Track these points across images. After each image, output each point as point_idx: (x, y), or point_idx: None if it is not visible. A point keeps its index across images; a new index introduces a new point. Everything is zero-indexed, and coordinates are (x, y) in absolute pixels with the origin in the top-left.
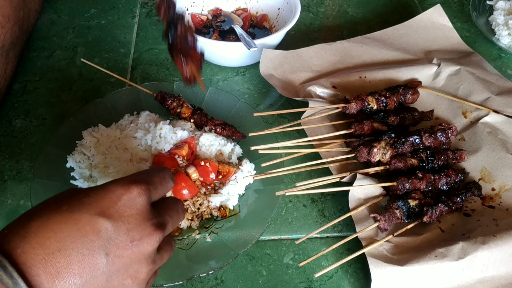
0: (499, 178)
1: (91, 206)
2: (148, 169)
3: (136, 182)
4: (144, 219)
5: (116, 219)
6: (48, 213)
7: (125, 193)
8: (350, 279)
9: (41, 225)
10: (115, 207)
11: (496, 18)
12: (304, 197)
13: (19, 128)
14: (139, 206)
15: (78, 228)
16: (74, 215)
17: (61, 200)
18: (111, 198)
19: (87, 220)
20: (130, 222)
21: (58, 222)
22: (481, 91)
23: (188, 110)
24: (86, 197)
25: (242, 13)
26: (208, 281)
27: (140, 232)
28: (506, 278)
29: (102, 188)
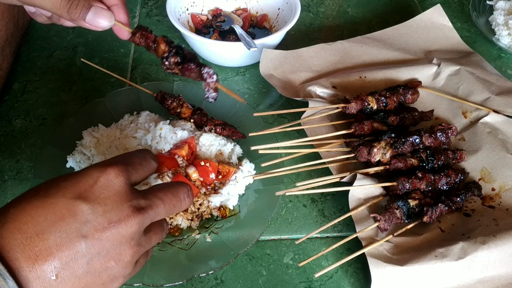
0: (499, 178)
1: (67, 189)
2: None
3: (113, 163)
4: (122, 200)
5: (93, 201)
6: (26, 199)
7: (101, 175)
8: (350, 279)
9: (19, 211)
10: (91, 189)
11: (496, 18)
12: (304, 197)
13: (19, 128)
14: (116, 187)
15: (55, 212)
16: (50, 199)
17: (39, 186)
18: (88, 181)
19: (63, 204)
20: (107, 204)
21: (35, 206)
22: (481, 91)
23: (188, 110)
24: (63, 181)
25: (242, 13)
26: (208, 281)
27: (118, 213)
28: (506, 278)
29: (79, 172)
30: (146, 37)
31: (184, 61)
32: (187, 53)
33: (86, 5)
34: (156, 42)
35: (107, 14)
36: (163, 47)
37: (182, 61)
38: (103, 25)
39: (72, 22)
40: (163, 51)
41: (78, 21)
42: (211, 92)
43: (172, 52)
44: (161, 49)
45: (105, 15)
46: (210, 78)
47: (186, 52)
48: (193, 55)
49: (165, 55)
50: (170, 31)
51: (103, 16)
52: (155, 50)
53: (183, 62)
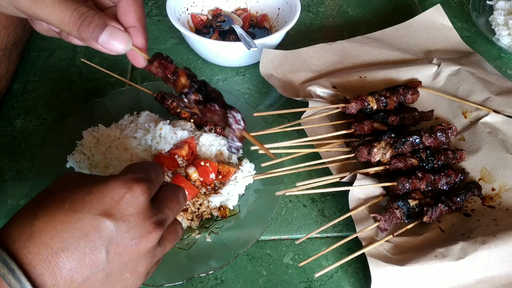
0: (499, 178)
1: (93, 205)
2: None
3: (139, 181)
4: (144, 218)
5: (118, 218)
6: (51, 211)
7: (128, 192)
8: (350, 279)
9: (45, 225)
10: (117, 206)
11: (496, 18)
12: (304, 197)
13: (19, 128)
14: (140, 205)
15: (80, 228)
16: (76, 214)
17: (63, 197)
18: (113, 197)
19: (89, 220)
20: (131, 221)
21: (61, 221)
22: (481, 91)
23: None
24: (88, 194)
25: (242, 13)
26: (208, 281)
27: (140, 230)
28: (506, 278)
29: (104, 185)
30: (165, 67)
31: (206, 100)
32: (211, 90)
33: (100, 24)
34: (176, 74)
35: (124, 36)
36: (184, 81)
37: (204, 100)
38: (118, 49)
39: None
40: (183, 86)
41: (89, 42)
42: (235, 141)
43: (194, 88)
44: (181, 83)
45: (121, 37)
46: (236, 124)
47: (210, 90)
48: (218, 93)
49: (185, 91)
50: (170, 31)
51: (119, 38)
52: (174, 83)
53: (205, 101)
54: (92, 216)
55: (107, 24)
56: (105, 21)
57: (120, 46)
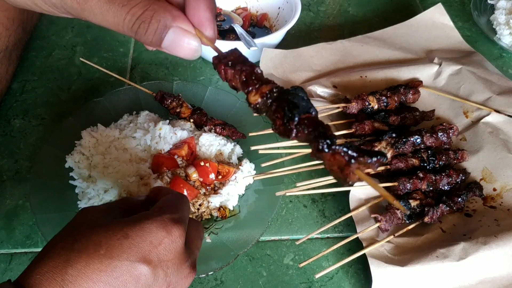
0: (500, 178)
1: (131, 251)
2: (176, 200)
3: (177, 222)
4: (181, 262)
5: (156, 265)
6: (85, 257)
7: (166, 236)
8: (350, 280)
9: (79, 273)
10: (155, 251)
11: (497, 18)
12: (305, 198)
13: (18, 128)
14: (178, 249)
15: (117, 277)
16: (113, 261)
17: (98, 241)
18: (152, 242)
19: (127, 268)
20: (169, 267)
21: (97, 270)
22: (482, 90)
23: (188, 110)
24: (125, 238)
25: (242, 12)
26: (208, 282)
27: (177, 276)
28: (508, 279)
29: (141, 228)
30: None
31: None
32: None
33: (161, 27)
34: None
35: (191, 38)
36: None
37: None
38: (185, 54)
39: (149, 46)
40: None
41: (153, 46)
42: None
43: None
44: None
45: (186, 40)
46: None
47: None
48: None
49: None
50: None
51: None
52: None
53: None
54: (130, 263)
55: (169, 26)
56: (167, 21)
57: (185, 51)
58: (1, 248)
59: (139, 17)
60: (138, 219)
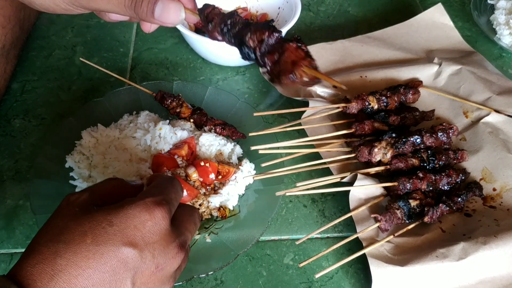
0: (500, 178)
1: (115, 236)
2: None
3: (159, 204)
4: (167, 243)
5: (142, 248)
6: (72, 247)
7: (149, 218)
8: (350, 280)
9: (68, 262)
10: (140, 234)
11: (497, 17)
12: (305, 197)
13: (18, 128)
14: (163, 230)
15: (105, 262)
16: (100, 248)
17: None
18: (136, 226)
19: (114, 253)
20: (155, 249)
21: (85, 257)
22: (482, 90)
23: (188, 110)
24: (110, 225)
25: (242, 12)
26: (208, 282)
27: (164, 256)
28: (508, 279)
29: (124, 213)
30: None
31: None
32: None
33: (152, 1)
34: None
35: (175, 6)
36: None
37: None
38: (172, 21)
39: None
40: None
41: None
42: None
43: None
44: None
45: (172, 10)
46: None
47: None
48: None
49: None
50: (170, 30)
51: (170, 11)
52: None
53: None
54: (116, 248)
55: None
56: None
57: (172, 18)
58: (2, 248)
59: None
60: (121, 206)
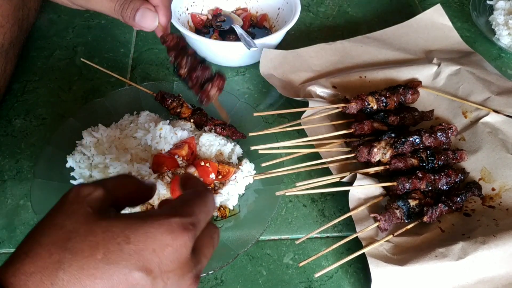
0: (499, 178)
1: (130, 257)
2: (193, 198)
3: (185, 229)
4: (183, 273)
5: (156, 276)
6: (79, 260)
7: (171, 244)
8: (350, 279)
9: (71, 279)
10: (157, 260)
11: (496, 18)
12: (304, 197)
13: (19, 128)
14: (182, 259)
15: (113, 286)
16: (110, 269)
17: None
18: (155, 249)
19: (124, 276)
20: (170, 278)
21: (91, 276)
22: (481, 91)
23: (188, 110)
24: (126, 243)
25: (242, 12)
26: (208, 281)
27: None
28: (507, 278)
29: (144, 231)
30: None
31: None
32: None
33: (135, 7)
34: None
35: (152, 15)
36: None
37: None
38: (148, 26)
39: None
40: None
41: (130, 22)
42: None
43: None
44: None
45: (148, 17)
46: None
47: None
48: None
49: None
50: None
51: (147, 18)
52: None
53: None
54: (128, 271)
55: (138, 8)
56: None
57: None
58: (2, 247)
59: (122, 4)
60: (142, 221)
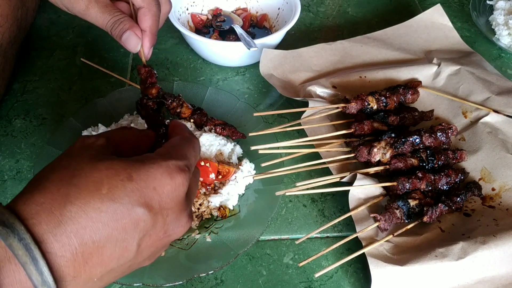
0: (499, 178)
1: (134, 194)
2: (183, 144)
3: (182, 170)
4: (180, 211)
5: (156, 211)
6: (86, 194)
7: (169, 183)
8: (350, 279)
9: (79, 210)
10: (157, 197)
11: (496, 18)
12: (304, 197)
13: (19, 128)
14: (179, 197)
15: (117, 219)
16: (114, 203)
17: (99, 180)
18: (155, 187)
19: (127, 211)
20: (169, 215)
21: (97, 209)
22: (481, 91)
23: (188, 110)
24: (129, 180)
25: (242, 12)
26: (208, 281)
27: (174, 224)
28: (507, 278)
29: (145, 171)
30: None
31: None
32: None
33: (123, 28)
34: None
35: (135, 40)
36: (154, 91)
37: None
38: (130, 48)
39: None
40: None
41: (117, 39)
42: None
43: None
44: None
45: (133, 40)
46: None
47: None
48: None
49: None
50: (170, 31)
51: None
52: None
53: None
54: (131, 206)
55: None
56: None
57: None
58: None
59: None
60: (143, 162)
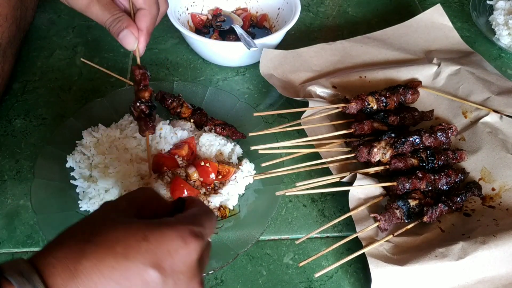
0: (499, 178)
1: (147, 254)
2: (201, 214)
3: (197, 236)
4: (192, 277)
5: (168, 274)
6: (101, 252)
7: (183, 246)
8: (350, 279)
9: (93, 266)
10: (170, 260)
11: (496, 18)
12: (304, 197)
13: (19, 128)
14: (191, 263)
15: (128, 278)
16: (127, 262)
17: (116, 238)
18: (168, 249)
19: (139, 270)
20: (180, 279)
21: (110, 267)
22: (481, 91)
23: (188, 110)
24: (144, 240)
25: (242, 12)
26: (208, 281)
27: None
28: (507, 278)
29: (161, 233)
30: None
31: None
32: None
33: (122, 26)
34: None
35: (132, 39)
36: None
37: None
38: (127, 46)
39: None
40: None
41: (115, 37)
42: None
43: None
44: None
45: (130, 39)
46: None
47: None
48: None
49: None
50: (170, 31)
51: (128, 39)
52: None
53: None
54: (143, 266)
55: (124, 28)
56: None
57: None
58: (2, 247)
59: (115, 19)
60: (159, 224)
